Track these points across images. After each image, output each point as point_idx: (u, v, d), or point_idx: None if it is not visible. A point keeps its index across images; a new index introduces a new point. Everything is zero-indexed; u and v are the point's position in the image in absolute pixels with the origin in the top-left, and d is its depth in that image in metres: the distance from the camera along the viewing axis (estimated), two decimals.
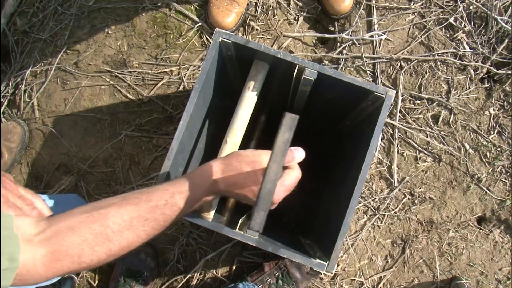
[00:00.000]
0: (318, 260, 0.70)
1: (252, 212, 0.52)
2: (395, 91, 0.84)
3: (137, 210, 0.53)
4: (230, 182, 0.58)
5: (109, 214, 0.52)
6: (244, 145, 0.93)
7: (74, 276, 1.13)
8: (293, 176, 0.59)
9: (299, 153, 0.58)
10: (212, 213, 0.80)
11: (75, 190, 1.17)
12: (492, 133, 1.20)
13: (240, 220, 0.92)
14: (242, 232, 0.72)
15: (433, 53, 1.22)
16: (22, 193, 0.63)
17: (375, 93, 0.73)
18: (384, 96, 0.73)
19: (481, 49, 1.21)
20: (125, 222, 0.52)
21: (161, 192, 0.56)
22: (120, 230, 0.52)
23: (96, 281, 1.15)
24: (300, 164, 0.62)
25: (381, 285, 1.15)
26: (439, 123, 1.20)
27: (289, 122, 0.54)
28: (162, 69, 1.22)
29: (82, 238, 0.50)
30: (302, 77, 0.74)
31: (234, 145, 0.77)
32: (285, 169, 0.59)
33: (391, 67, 1.22)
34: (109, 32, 1.24)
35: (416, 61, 1.21)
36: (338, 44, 1.23)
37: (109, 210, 0.52)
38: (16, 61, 1.25)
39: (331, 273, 1.15)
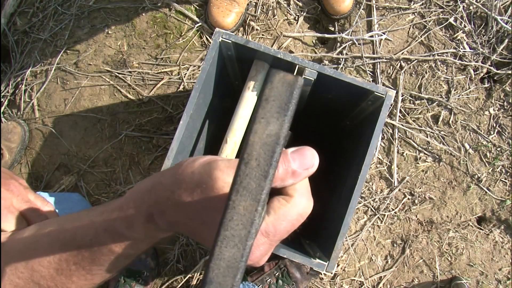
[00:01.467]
0: (318, 260, 0.70)
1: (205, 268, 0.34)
2: (395, 91, 0.84)
3: (64, 249, 0.41)
4: (169, 217, 0.35)
5: (37, 252, 0.42)
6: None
7: None
8: (294, 213, 0.32)
9: (308, 160, 0.32)
10: None
11: (75, 190, 1.17)
12: (492, 133, 1.20)
13: None
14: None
15: (433, 53, 1.22)
16: (31, 199, 0.58)
17: (375, 93, 0.73)
18: (384, 96, 0.73)
19: (481, 49, 1.21)
20: (54, 264, 0.41)
21: (87, 223, 0.41)
22: (51, 275, 0.41)
23: None
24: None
25: (381, 285, 1.15)
26: (439, 123, 1.20)
27: (282, 92, 0.27)
28: (162, 69, 1.22)
29: (13, 283, 0.42)
30: (302, 77, 0.74)
31: (234, 145, 0.78)
32: (275, 197, 0.32)
33: (391, 67, 1.22)
34: (109, 32, 1.24)
35: (416, 61, 1.21)
36: (338, 44, 1.23)
37: (39, 245, 0.42)
38: (16, 61, 1.25)
39: (331, 273, 1.15)
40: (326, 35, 1.24)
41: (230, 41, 0.74)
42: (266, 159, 0.26)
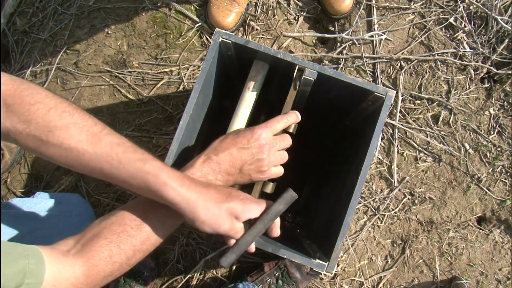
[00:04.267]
0: (318, 261, 0.70)
1: (226, 250, 0.60)
2: (395, 91, 0.84)
3: (148, 202, 0.56)
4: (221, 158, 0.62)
5: (125, 214, 0.55)
6: None
7: None
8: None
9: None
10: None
11: (75, 190, 1.17)
12: (492, 133, 1.20)
13: None
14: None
15: (433, 53, 1.22)
16: None
17: (375, 93, 0.73)
18: (384, 96, 0.73)
19: (481, 49, 1.21)
20: (140, 217, 0.55)
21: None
22: (138, 225, 0.55)
23: None
24: (301, 163, 0.64)
25: (381, 285, 1.15)
26: (439, 123, 1.20)
27: (287, 198, 0.61)
28: (162, 69, 1.22)
29: (108, 240, 0.53)
30: (302, 77, 0.74)
31: None
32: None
33: (391, 67, 1.22)
34: (109, 32, 1.24)
35: (416, 61, 1.21)
36: (338, 44, 1.22)
37: (124, 211, 0.56)
38: (16, 61, 1.25)
39: (331, 273, 1.15)
40: (326, 35, 1.24)
41: (230, 41, 0.74)
42: (271, 218, 0.61)
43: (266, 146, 0.61)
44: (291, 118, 0.68)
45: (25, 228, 0.79)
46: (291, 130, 0.70)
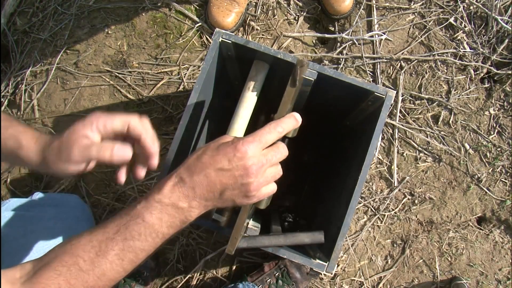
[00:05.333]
0: (318, 261, 0.70)
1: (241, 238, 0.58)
2: (395, 91, 0.84)
3: (105, 232, 0.49)
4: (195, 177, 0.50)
5: (80, 243, 0.48)
6: None
7: None
8: None
9: None
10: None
11: (75, 190, 1.17)
12: (492, 133, 1.20)
13: None
14: (242, 233, 0.72)
15: (433, 53, 1.22)
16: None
17: (375, 93, 0.73)
18: (384, 96, 0.73)
19: (481, 49, 1.21)
20: (94, 248, 0.48)
21: (131, 207, 0.50)
22: (92, 259, 0.47)
23: None
24: (301, 163, 0.61)
25: (381, 285, 1.15)
26: (439, 123, 1.20)
27: (316, 238, 0.72)
28: (162, 69, 1.22)
29: (57, 272, 0.47)
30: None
31: None
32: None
33: (391, 67, 1.22)
34: (109, 32, 1.24)
35: (416, 61, 1.21)
36: (338, 44, 1.22)
37: (80, 238, 0.49)
38: (16, 61, 1.25)
39: (331, 274, 1.15)
40: (326, 35, 1.24)
41: (230, 41, 0.74)
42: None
43: (253, 167, 0.48)
44: (287, 124, 0.54)
45: (20, 231, 0.78)
46: (290, 135, 0.60)
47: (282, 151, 0.52)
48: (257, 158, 0.49)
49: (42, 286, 0.45)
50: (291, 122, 0.54)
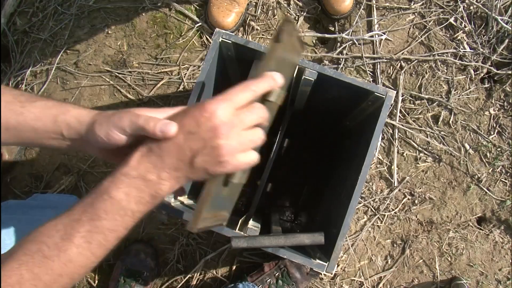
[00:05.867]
0: (318, 261, 0.70)
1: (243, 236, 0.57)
2: (395, 91, 0.84)
3: (70, 214, 0.45)
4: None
5: (44, 229, 0.45)
6: None
7: None
8: None
9: None
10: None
11: (75, 190, 1.17)
12: (492, 133, 1.20)
13: (240, 220, 0.92)
14: (242, 233, 0.72)
15: (433, 53, 1.22)
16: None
17: (375, 93, 0.73)
18: (384, 96, 0.73)
19: (481, 49, 1.21)
20: (59, 233, 0.44)
21: (98, 184, 0.46)
22: (56, 244, 0.44)
23: (96, 281, 1.15)
24: (301, 163, 0.60)
25: (381, 285, 1.15)
26: (439, 123, 1.20)
27: (316, 239, 0.69)
28: (162, 69, 1.22)
29: (19, 262, 0.43)
30: (302, 78, 0.74)
31: None
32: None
33: (391, 67, 1.22)
34: (109, 32, 1.24)
35: (416, 61, 1.21)
36: (338, 44, 1.22)
37: (46, 224, 0.45)
38: (16, 61, 1.25)
39: (331, 274, 1.15)
40: (326, 35, 1.24)
41: (230, 41, 0.74)
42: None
43: (223, 127, 0.43)
44: (263, 84, 0.48)
45: (18, 235, 0.77)
46: (272, 99, 0.50)
47: (258, 111, 0.46)
48: (227, 117, 0.44)
49: (3, 279, 0.42)
50: (267, 81, 0.48)
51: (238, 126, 0.45)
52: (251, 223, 0.80)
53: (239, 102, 0.45)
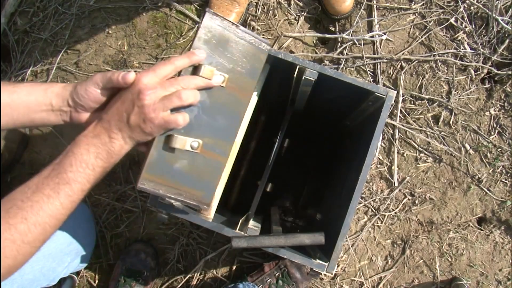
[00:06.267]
0: (318, 261, 0.70)
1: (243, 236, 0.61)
2: (395, 92, 0.84)
3: (41, 174, 0.55)
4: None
5: (17, 190, 0.54)
6: (244, 145, 0.93)
7: (74, 276, 1.13)
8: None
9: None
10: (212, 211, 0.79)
11: None
12: (492, 133, 1.20)
13: (240, 220, 0.92)
14: (242, 233, 0.72)
15: (434, 53, 1.22)
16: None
17: (376, 93, 0.73)
18: (384, 96, 0.73)
19: (481, 50, 1.21)
20: (31, 189, 0.53)
21: (64, 150, 0.57)
22: (28, 197, 0.53)
23: (96, 281, 1.15)
24: (301, 164, 0.61)
25: (381, 285, 1.15)
26: (439, 123, 1.20)
27: (316, 239, 0.70)
28: None
29: None
30: (303, 78, 0.74)
31: (234, 146, 0.77)
32: None
33: (392, 68, 1.22)
34: (110, 31, 1.24)
35: (416, 61, 1.21)
36: (339, 44, 1.22)
37: (19, 187, 0.55)
38: (16, 61, 1.25)
39: (331, 274, 1.15)
40: (327, 35, 1.24)
41: None
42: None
43: (145, 90, 0.54)
44: (183, 59, 0.58)
45: None
46: (201, 74, 0.59)
47: (181, 82, 0.57)
48: (150, 84, 0.55)
49: None
50: (185, 57, 0.58)
51: (159, 90, 0.55)
52: (251, 223, 0.80)
53: (161, 74, 0.56)
